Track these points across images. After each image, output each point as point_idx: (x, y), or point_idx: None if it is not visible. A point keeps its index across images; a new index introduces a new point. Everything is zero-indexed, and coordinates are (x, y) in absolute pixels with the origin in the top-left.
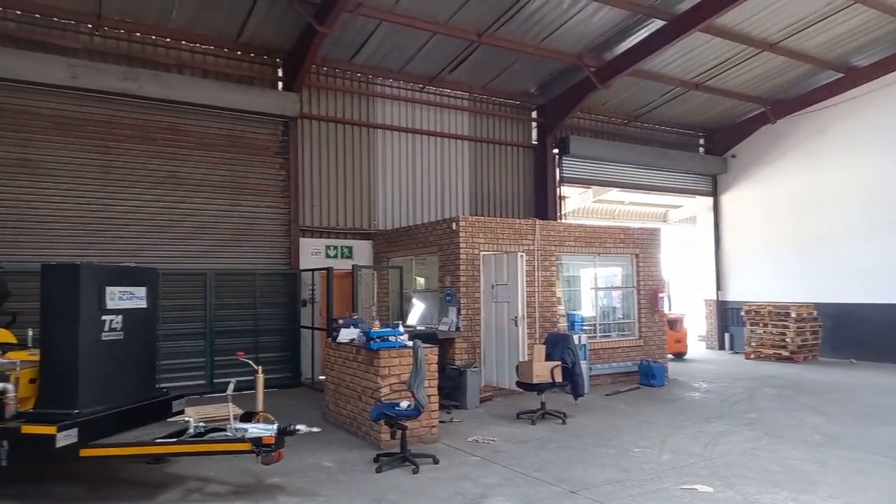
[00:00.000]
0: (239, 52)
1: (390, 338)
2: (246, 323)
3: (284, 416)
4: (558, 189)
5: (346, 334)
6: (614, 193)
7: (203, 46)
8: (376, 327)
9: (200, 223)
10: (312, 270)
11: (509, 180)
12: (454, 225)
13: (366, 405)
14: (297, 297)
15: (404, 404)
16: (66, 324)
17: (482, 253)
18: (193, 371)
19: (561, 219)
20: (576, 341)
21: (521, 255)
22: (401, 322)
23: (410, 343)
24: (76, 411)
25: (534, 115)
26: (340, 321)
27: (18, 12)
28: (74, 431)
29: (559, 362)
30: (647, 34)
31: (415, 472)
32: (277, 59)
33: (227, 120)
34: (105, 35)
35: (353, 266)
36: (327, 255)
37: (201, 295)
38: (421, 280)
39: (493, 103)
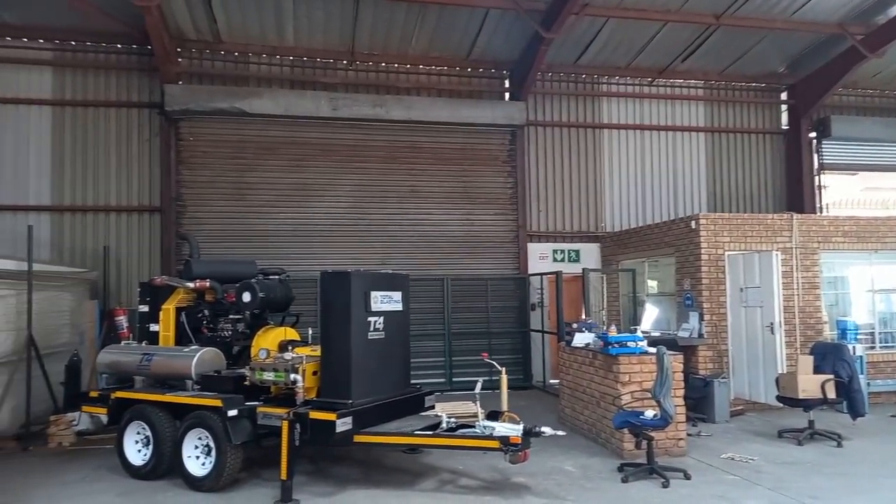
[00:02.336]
0: (469, 69)
1: (629, 343)
2: (479, 325)
3: (519, 417)
4: (817, 178)
5: (581, 338)
6: (892, 179)
7: (437, 68)
8: (612, 332)
9: (437, 232)
10: (541, 275)
11: (754, 172)
12: (693, 223)
13: (605, 411)
14: (526, 300)
15: (650, 413)
16: (341, 324)
17: (727, 253)
18: (433, 370)
19: (821, 211)
20: (850, 352)
21: (776, 254)
22: (637, 327)
23: (651, 349)
24: (350, 402)
25: (782, 96)
26: (574, 325)
27: (291, 58)
28: (350, 419)
29: (831, 376)
30: None
31: (664, 485)
32: (504, 71)
33: (459, 134)
34: (357, 69)
35: (583, 270)
36: (554, 259)
37: (439, 299)
38: (654, 283)
39: (732, 89)
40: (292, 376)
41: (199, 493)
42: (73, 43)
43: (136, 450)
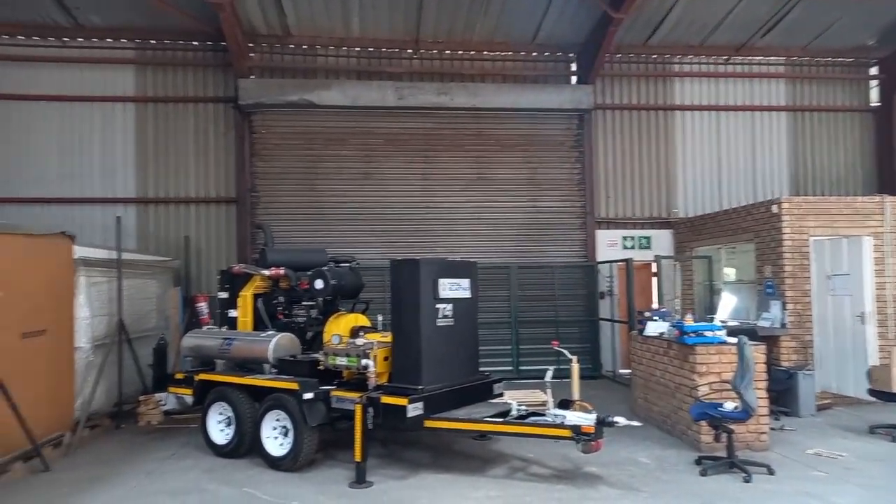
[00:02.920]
0: (534, 54)
1: (707, 332)
2: (546, 314)
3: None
4: None
5: (654, 327)
6: None
7: (502, 54)
8: (688, 321)
9: (503, 220)
10: (610, 262)
11: (840, 152)
12: (775, 207)
13: (681, 403)
14: (594, 288)
15: (730, 405)
16: (411, 311)
17: (812, 238)
18: (500, 357)
19: None
20: None
21: (868, 240)
22: (714, 316)
23: (731, 339)
24: (421, 387)
25: (872, 71)
26: (646, 314)
27: (357, 49)
28: (420, 405)
29: None
30: None
31: (746, 480)
32: (570, 55)
33: (525, 120)
34: (422, 57)
35: (655, 257)
36: (624, 247)
37: (506, 287)
38: (731, 270)
39: (816, 65)
40: (364, 361)
41: (278, 472)
42: (154, 42)
43: (218, 429)
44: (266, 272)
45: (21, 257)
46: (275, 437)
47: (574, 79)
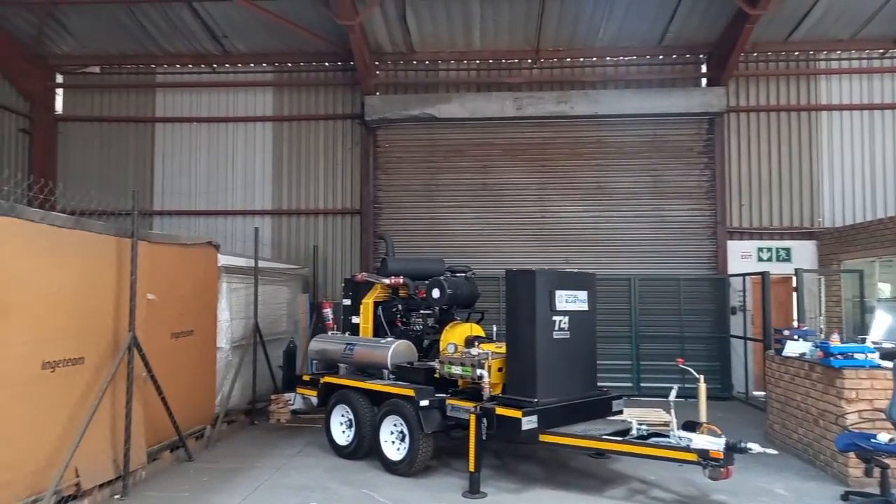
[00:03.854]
0: (661, 56)
1: (857, 354)
2: (670, 329)
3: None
4: None
5: (794, 347)
6: None
7: (626, 58)
8: (835, 341)
9: (625, 229)
10: (743, 275)
11: None
12: None
13: (825, 431)
14: (725, 303)
15: (884, 437)
16: (526, 322)
17: None
18: (620, 373)
19: None
20: None
21: None
22: (866, 337)
23: (886, 362)
24: (536, 400)
25: None
26: (786, 332)
27: (477, 61)
28: (535, 418)
29: None
30: None
31: None
32: (700, 56)
33: (648, 126)
34: (542, 66)
35: (796, 270)
36: (759, 259)
37: (626, 299)
38: (886, 286)
39: None
40: (478, 371)
41: (394, 476)
42: (290, 65)
43: (340, 430)
44: (386, 281)
45: (174, 264)
46: (392, 442)
47: (704, 81)
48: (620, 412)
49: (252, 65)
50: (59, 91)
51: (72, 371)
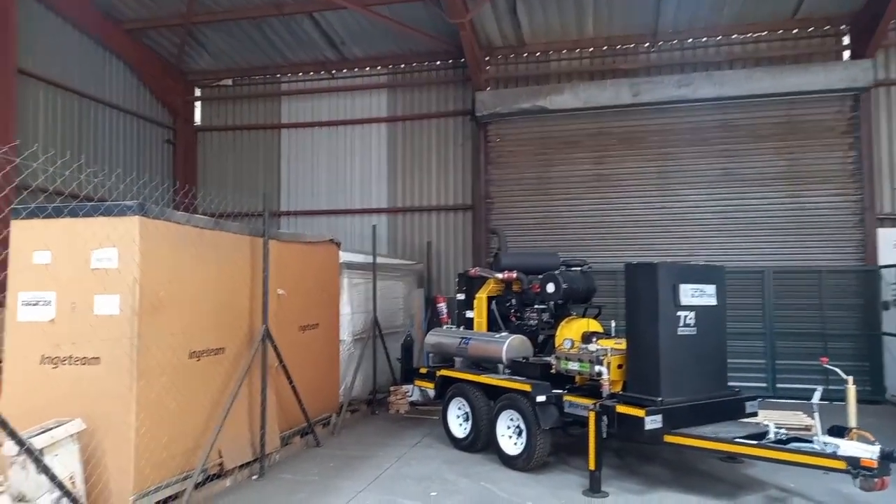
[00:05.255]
0: (795, 31)
1: None
2: (810, 325)
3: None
4: None
5: None
6: None
7: (754, 35)
8: None
9: (755, 218)
10: None
11: None
12: None
13: None
14: (875, 297)
15: None
16: (648, 318)
17: None
18: (753, 373)
19: None
20: None
21: None
22: None
23: None
24: (659, 399)
25: None
26: None
27: (591, 49)
28: (659, 417)
29: None
30: None
31: None
32: (841, 27)
33: (781, 106)
34: (660, 49)
35: None
36: None
37: (758, 294)
38: None
39: None
40: (597, 368)
41: (511, 471)
42: (403, 66)
43: (457, 423)
44: (499, 275)
45: (300, 261)
46: (509, 436)
47: (846, 54)
48: (755, 414)
49: (367, 68)
50: (198, 104)
51: (214, 360)
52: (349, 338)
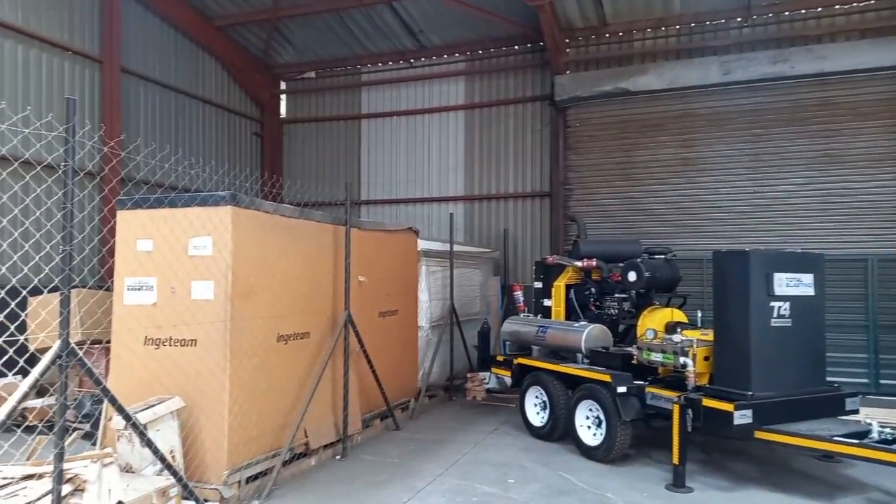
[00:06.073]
0: None
1: None
2: None
3: None
4: None
5: None
6: None
7: (860, 4)
8: None
9: (857, 203)
10: None
11: None
12: None
13: None
14: None
15: None
16: (738, 308)
17: None
18: (854, 367)
19: None
20: None
21: None
22: None
23: None
24: (750, 393)
25: None
26: None
27: (677, 27)
28: (749, 412)
29: None
30: None
31: None
32: None
33: (887, 81)
34: (753, 24)
35: None
36: None
37: (860, 283)
38: None
39: None
40: (682, 359)
41: (590, 462)
42: (480, 52)
43: (535, 412)
44: (578, 263)
45: (380, 249)
46: (588, 427)
47: None
48: (856, 411)
49: (445, 56)
50: (283, 97)
51: (300, 344)
52: (427, 324)
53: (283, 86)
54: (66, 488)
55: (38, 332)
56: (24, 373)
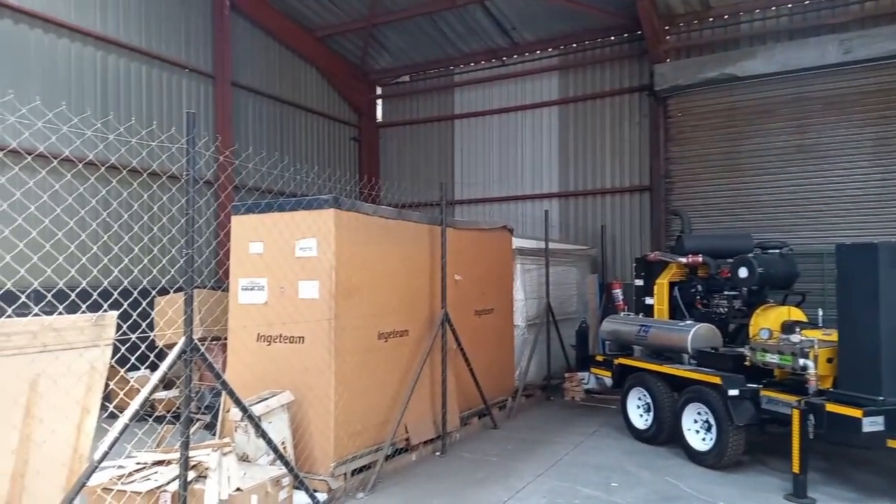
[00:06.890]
0: None
1: None
2: None
3: None
4: None
5: None
6: None
7: None
8: None
9: None
10: None
11: None
12: None
13: None
14: None
15: None
16: (866, 306)
17: None
18: None
19: None
20: None
21: None
22: None
23: None
24: (881, 398)
25: None
26: None
27: (790, 6)
28: (880, 419)
29: None
30: None
31: None
32: None
33: None
34: None
35: None
36: None
37: None
38: None
39: None
40: (801, 361)
41: (698, 467)
42: (575, 45)
43: (638, 414)
44: (683, 259)
45: (475, 248)
46: (696, 431)
47: None
48: None
49: (538, 52)
50: (379, 102)
51: (399, 342)
52: (523, 323)
53: (378, 91)
54: (190, 474)
55: (165, 329)
56: (153, 367)
